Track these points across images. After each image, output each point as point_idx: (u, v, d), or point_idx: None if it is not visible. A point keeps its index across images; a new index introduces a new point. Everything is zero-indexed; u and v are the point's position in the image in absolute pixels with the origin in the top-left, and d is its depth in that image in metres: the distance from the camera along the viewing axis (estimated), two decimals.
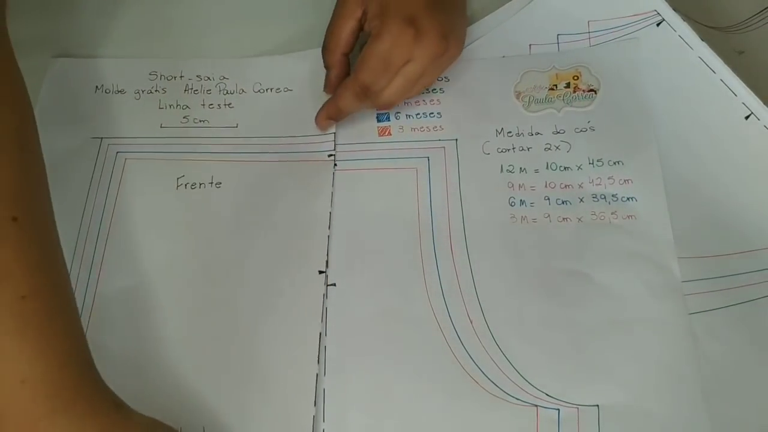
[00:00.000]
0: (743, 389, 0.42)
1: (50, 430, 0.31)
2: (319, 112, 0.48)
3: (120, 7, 0.54)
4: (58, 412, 0.32)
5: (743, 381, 0.42)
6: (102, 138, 0.49)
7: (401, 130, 0.50)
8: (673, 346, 0.42)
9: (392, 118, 0.50)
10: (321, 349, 0.43)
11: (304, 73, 0.51)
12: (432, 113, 0.50)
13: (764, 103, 0.48)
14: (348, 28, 0.47)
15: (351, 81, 0.46)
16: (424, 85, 0.48)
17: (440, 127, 0.50)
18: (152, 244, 0.46)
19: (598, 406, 0.41)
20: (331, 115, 0.48)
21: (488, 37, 0.53)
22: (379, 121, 0.50)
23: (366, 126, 0.50)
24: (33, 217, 0.34)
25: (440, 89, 0.51)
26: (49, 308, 0.33)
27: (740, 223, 0.46)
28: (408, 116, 0.50)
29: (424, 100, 0.51)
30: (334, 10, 0.48)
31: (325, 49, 0.49)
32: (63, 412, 0.32)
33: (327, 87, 0.50)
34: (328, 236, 0.46)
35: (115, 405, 0.34)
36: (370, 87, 0.45)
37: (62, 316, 0.34)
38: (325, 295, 0.44)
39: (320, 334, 0.43)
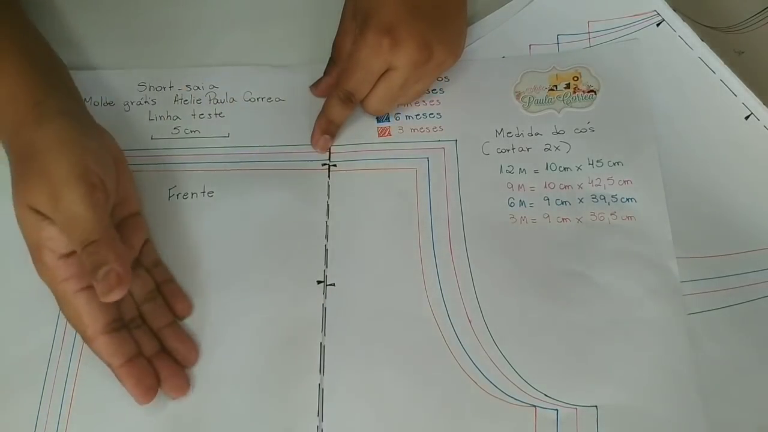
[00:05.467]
0: (742, 389, 0.42)
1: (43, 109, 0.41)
2: (312, 132, 0.49)
3: (106, 17, 0.54)
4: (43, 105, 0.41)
5: (742, 381, 0.42)
6: None
7: (401, 131, 0.50)
8: (672, 346, 0.42)
9: (392, 118, 0.50)
10: (320, 350, 0.43)
11: (295, 85, 0.51)
12: (432, 114, 0.50)
13: (764, 103, 0.48)
14: (348, 42, 0.48)
15: (335, 89, 0.47)
16: (417, 92, 0.49)
17: (440, 127, 0.50)
18: None
19: (596, 406, 0.41)
20: (323, 129, 0.48)
21: (488, 37, 0.53)
22: (378, 121, 0.50)
23: (366, 126, 0.50)
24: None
25: (440, 89, 0.51)
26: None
27: (739, 224, 0.46)
28: (408, 117, 0.50)
29: (424, 101, 0.51)
30: (338, 27, 0.50)
31: (331, 61, 0.50)
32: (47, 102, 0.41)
33: (314, 85, 0.50)
34: (326, 246, 0.46)
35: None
36: (353, 93, 0.47)
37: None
38: (325, 304, 0.44)
39: (321, 344, 0.43)
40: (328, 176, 0.48)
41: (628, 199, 0.46)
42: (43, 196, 0.38)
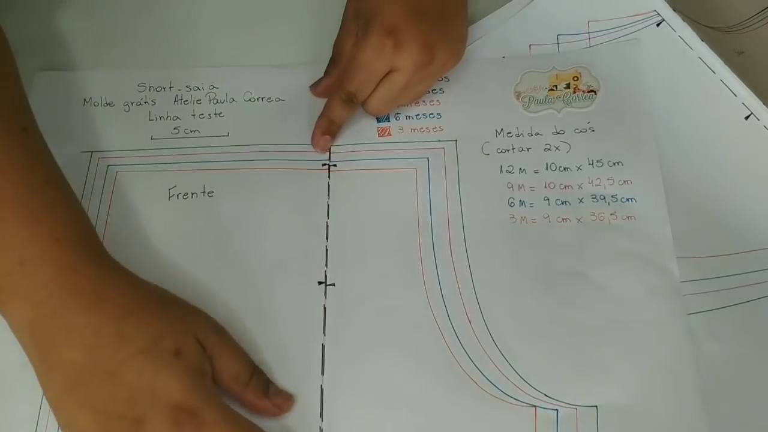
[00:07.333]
0: (743, 389, 0.42)
1: (82, 275, 0.37)
2: (313, 133, 0.49)
3: (106, 18, 0.54)
4: (89, 262, 0.38)
5: (743, 381, 0.42)
6: (92, 152, 0.49)
7: (401, 131, 0.50)
8: (672, 346, 0.42)
9: (392, 118, 0.50)
10: (320, 350, 0.43)
11: (295, 85, 0.51)
12: (432, 114, 0.50)
13: (764, 103, 0.48)
14: (349, 43, 0.48)
15: (337, 90, 0.47)
16: (417, 94, 0.49)
17: (440, 127, 0.50)
18: (146, 256, 0.45)
19: (596, 406, 0.41)
20: (324, 130, 0.48)
21: (488, 37, 0.53)
22: (378, 121, 0.50)
23: (366, 126, 0.50)
24: (35, 128, 0.41)
25: (440, 90, 0.51)
26: (68, 192, 0.40)
27: (739, 224, 0.46)
28: (408, 117, 0.50)
29: (424, 101, 0.51)
30: (339, 27, 0.50)
31: (332, 62, 0.50)
32: (94, 262, 0.38)
33: (314, 85, 0.50)
34: (326, 246, 0.46)
35: (124, 267, 0.40)
36: (356, 94, 0.47)
37: (77, 200, 0.41)
38: (325, 304, 0.44)
39: (321, 345, 0.43)
40: (328, 176, 0.48)
41: (628, 199, 0.46)
42: (211, 332, 0.39)
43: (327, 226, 0.46)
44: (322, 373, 0.42)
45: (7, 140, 0.39)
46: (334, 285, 0.45)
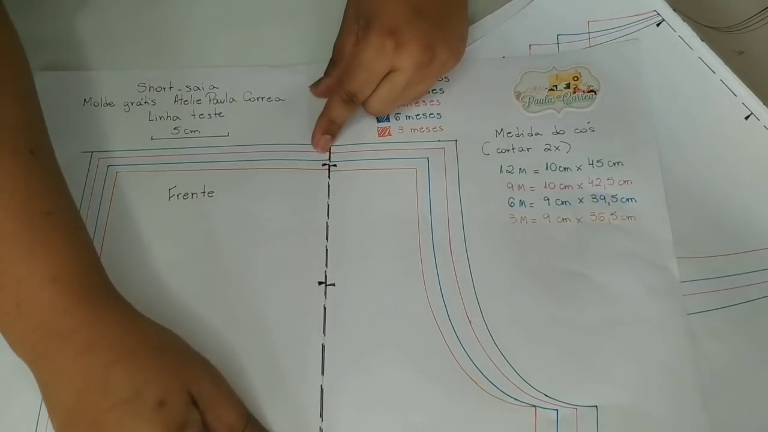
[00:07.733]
0: (742, 389, 0.42)
1: (75, 318, 0.37)
2: (314, 132, 0.49)
3: (106, 18, 0.54)
4: (84, 303, 0.37)
5: (742, 381, 0.42)
6: (92, 152, 0.49)
7: (401, 131, 0.50)
8: (672, 346, 0.42)
9: (392, 118, 0.50)
10: (321, 350, 0.43)
11: (295, 85, 0.51)
12: (432, 114, 0.50)
13: (764, 103, 0.48)
14: (350, 43, 0.48)
15: (338, 89, 0.47)
16: (418, 93, 0.49)
17: (440, 127, 0.50)
18: (146, 257, 0.45)
19: (596, 406, 0.41)
20: (324, 130, 0.48)
21: (488, 37, 0.53)
22: (379, 121, 0.50)
23: (366, 126, 0.50)
24: (45, 150, 0.41)
25: (440, 90, 0.51)
26: (71, 221, 0.40)
27: (739, 224, 0.46)
28: (408, 117, 0.50)
29: (424, 101, 0.51)
30: (340, 27, 0.50)
31: (332, 62, 0.50)
32: (88, 304, 0.38)
33: (314, 85, 0.50)
34: (326, 246, 0.46)
35: (127, 304, 0.40)
36: (356, 94, 0.47)
37: (81, 229, 0.40)
38: (325, 304, 0.44)
39: (321, 345, 0.43)
40: (328, 176, 0.48)
41: (628, 199, 0.46)
42: (206, 382, 0.38)
43: (327, 226, 0.46)
44: (322, 373, 0.42)
45: (13, 165, 0.38)
46: (334, 285, 0.45)
